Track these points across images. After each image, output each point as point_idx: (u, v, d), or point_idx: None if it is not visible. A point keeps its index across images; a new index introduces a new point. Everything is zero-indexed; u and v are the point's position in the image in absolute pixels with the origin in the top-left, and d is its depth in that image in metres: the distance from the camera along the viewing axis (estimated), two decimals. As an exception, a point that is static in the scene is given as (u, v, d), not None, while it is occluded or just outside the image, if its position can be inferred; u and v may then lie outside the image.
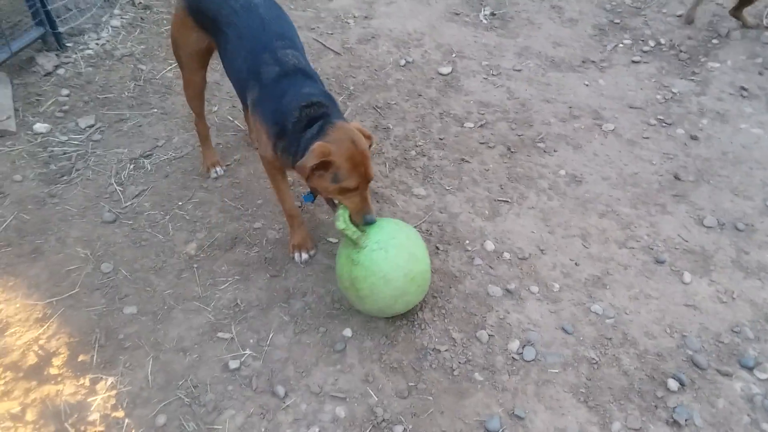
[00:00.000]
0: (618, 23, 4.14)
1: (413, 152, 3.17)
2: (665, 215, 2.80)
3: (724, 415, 2.08)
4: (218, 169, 2.99)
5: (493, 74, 3.72)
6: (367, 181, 2.14)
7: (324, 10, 4.29)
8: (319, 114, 2.15)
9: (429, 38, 4.03)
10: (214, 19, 2.39)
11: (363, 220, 2.17)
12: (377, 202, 2.84)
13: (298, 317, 2.39)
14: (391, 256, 2.13)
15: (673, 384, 2.16)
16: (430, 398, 2.14)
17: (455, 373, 2.21)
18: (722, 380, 2.18)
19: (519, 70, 3.75)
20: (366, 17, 4.22)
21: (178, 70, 2.87)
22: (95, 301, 2.43)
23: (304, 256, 2.61)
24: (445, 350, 2.28)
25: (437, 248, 2.67)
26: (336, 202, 2.23)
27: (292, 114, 2.15)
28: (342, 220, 2.14)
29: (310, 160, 2.03)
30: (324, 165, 2.07)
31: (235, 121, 3.32)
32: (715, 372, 2.21)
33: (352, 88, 3.59)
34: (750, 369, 2.21)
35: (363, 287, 2.15)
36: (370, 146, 2.17)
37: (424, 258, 2.24)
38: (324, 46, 3.91)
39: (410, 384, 2.18)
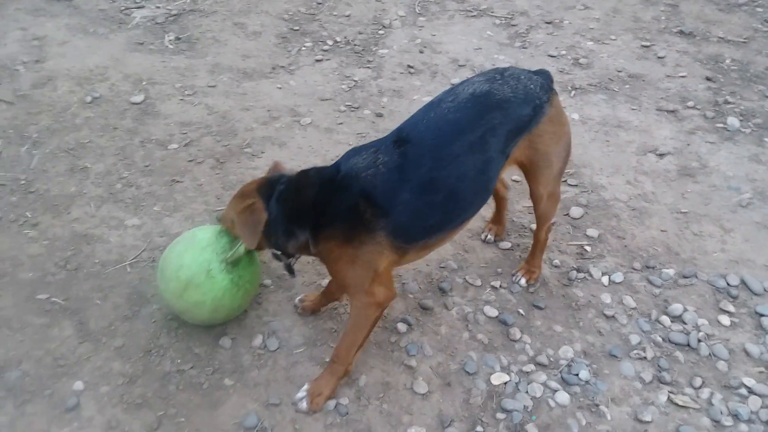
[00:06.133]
0: (297, 30, 4.43)
1: (119, 185, 3.01)
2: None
3: (447, 338, 2.37)
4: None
5: (188, 94, 3.71)
6: None
7: (-17, 60, 3.85)
8: None
9: (114, 71, 3.86)
10: None
11: None
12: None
13: (16, 389, 2.12)
14: None
15: (402, 326, 2.40)
16: (183, 420, 2.06)
17: (205, 386, 2.17)
18: (441, 311, 2.48)
19: (214, 86, 3.80)
20: (37, 61, 3.88)
21: None
22: None
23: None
24: (190, 368, 2.22)
25: (163, 273, 2.58)
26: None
27: None
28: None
29: None
30: None
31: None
32: (442, 306, 2.49)
33: (36, 135, 3.29)
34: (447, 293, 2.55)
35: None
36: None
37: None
38: (-9, 97, 3.51)
39: (159, 414, 2.08)
